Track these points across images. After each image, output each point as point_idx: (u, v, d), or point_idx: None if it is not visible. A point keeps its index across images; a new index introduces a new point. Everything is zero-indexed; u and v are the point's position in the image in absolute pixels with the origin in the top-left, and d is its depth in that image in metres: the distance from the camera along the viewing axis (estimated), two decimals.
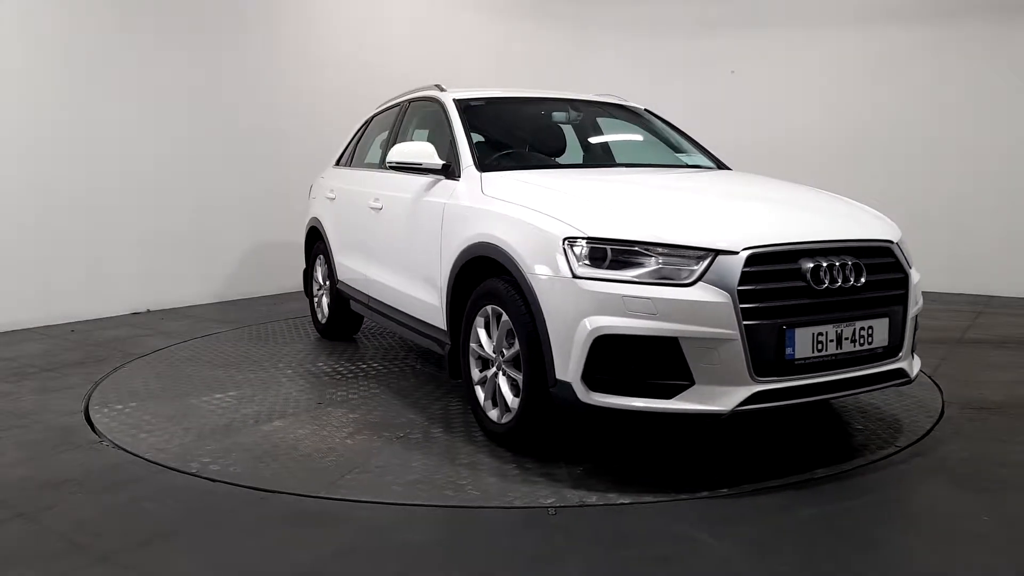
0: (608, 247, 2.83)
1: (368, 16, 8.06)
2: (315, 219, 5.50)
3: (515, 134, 4.37)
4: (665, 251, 2.79)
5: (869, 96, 7.87)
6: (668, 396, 2.74)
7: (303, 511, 2.75)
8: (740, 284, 2.72)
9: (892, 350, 3.07)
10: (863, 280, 2.94)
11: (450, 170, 3.78)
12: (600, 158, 4.64)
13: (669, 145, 4.61)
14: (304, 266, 5.90)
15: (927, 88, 7.62)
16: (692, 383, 2.73)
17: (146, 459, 3.22)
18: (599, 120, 4.81)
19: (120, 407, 3.85)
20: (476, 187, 3.56)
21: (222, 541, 2.55)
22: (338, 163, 5.61)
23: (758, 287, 2.77)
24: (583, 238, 2.86)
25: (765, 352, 2.75)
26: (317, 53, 7.64)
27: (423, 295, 3.87)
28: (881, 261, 3.08)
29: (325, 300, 5.43)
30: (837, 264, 2.89)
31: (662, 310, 2.70)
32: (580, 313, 2.79)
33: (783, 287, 2.81)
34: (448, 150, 3.87)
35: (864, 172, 7.64)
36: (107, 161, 6.22)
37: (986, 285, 7.15)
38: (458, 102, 4.13)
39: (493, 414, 3.31)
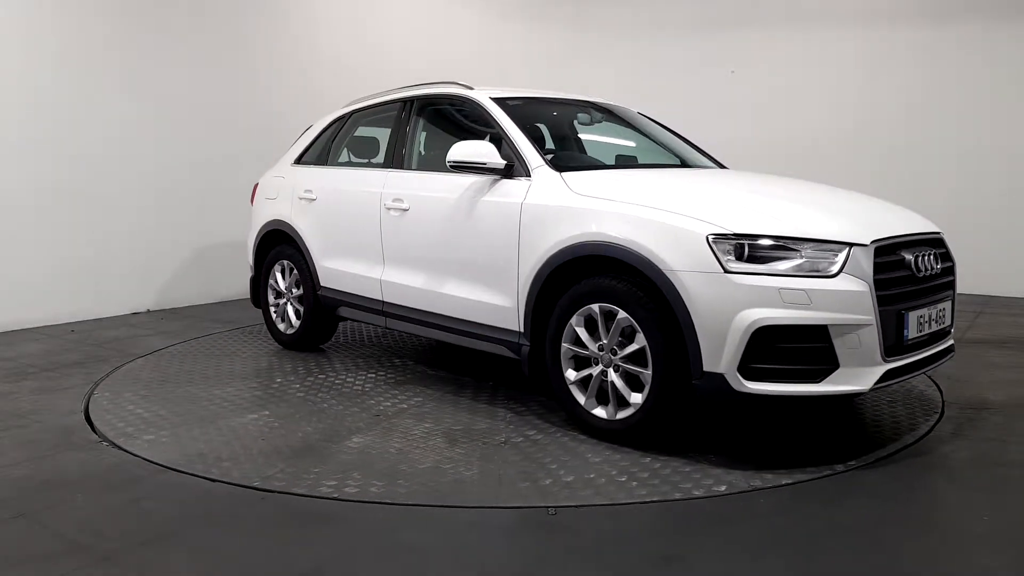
0: (755, 243, 2.97)
1: (368, 16, 8.07)
2: (280, 222, 5.07)
3: (547, 134, 4.34)
4: (809, 245, 2.98)
5: (869, 96, 7.88)
6: (816, 380, 2.93)
7: (303, 511, 2.75)
8: (875, 274, 2.99)
9: (949, 329, 3.49)
10: (940, 267, 3.33)
11: (513, 170, 3.74)
12: (624, 159, 4.61)
13: (664, 144, 4.61)
14: (252, 274, 5.43)
15: (927, 88, 7.62)
16: (837, 366, 2.93)
17: (145, 459, 3.22)
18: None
19: (151, 437, 3.47)
20: (559, 186, 3.54)
21: (222, 541, 2.55)
22: (300, 161, 5.24)
23: (883, 276, 3.04)
24: (730, 235, 2.98)
25: (890, 334, 3.03)
26: (316, 53, 7.64)
27: (486, 297, 3.78)
28: (940, 251, 3.44)
29: (291, 309, 5.12)
30: (926, 254, 3.26)
31: (816, 300, 2.89)
32: (735, 306, 2.91)
33: (897, 276, 3.11)
34: (502, 150, 3.80)
35: (864, 172, 7.63)
36: (107, 161, 6.22)
37: (986, 285, 7.15)
38: (498, 101, 4.09)
39: (600, 412, 3.36)
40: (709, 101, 8.54)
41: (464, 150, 3.76)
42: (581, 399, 3.42)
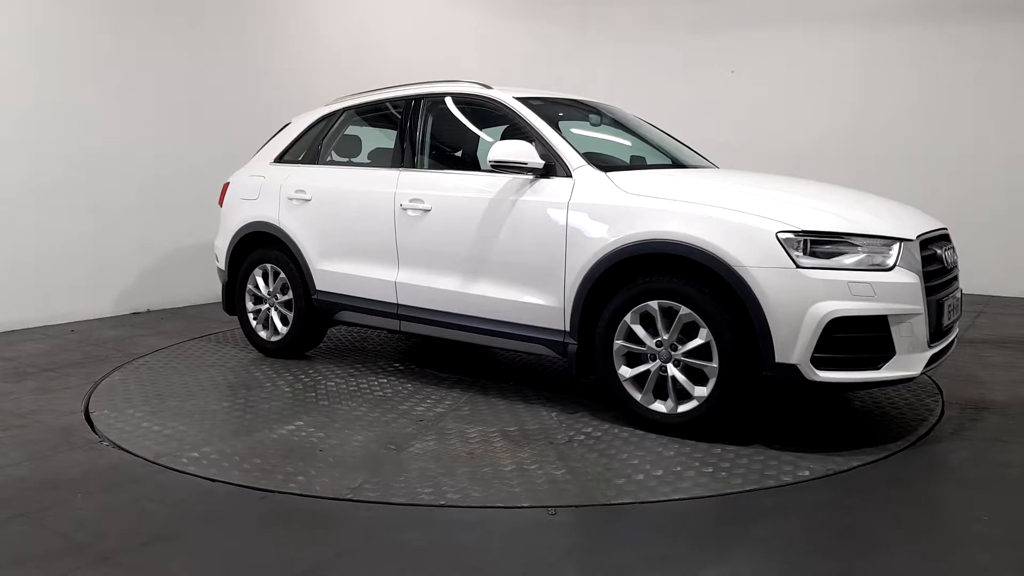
0: (820, 239, 3.15)
1: (367, 16, 8.07)
2: (264, 224, 4.86)
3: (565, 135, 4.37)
4: (869, 241, 3.17)
5: (869, 96, 7.88)
6: (876, 367, 3.12)
7: (303, 511, 2.75)
8: (923, 266, 3.23)
9: (959, 317, 3.68)
10: (955, 259, 3.60)
11: (551, 169, 3.76)
12: (637, 159, 4.57)
13: (654, 143, 4.58)
14: (226, 280, 5.17)
15: (927, 88, 7.63)
16: (894, 353, 3.12)
17: (145, 459, 3.22)
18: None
19: (195, 454, 3.26)
20: (607, 186, 3.59)
21: (222, 541, 2.55)
22: (282, 160, 5.02)
23: (927, 268, 3.27)
24: (798, 232, 3.14)
25: (932, 322, 3.25)
26: (316, 53, 7.64)
27: (527, 297, 3.77)
28: (951, 245, 3.67)
29: (276, 315, 4.91)
30: (947, 247, 3.52)
31: (879, 292, 3.08)
32: (808, 300, 3.07)
33: (935, 268, 3.35)
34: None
35: (863, 172, 7.63)
36: (107, 161, 6.23)
37: (986, 285, 7.15)
38: (523, 100, 4.09)
39: (659, 407, 3.45)
40: (709, 101, 8.54)
41: (506, 150, 3.76)
42: (637, 395, 3.49)
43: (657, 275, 3.39)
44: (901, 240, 3.20)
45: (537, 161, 3.73)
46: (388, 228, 4.31)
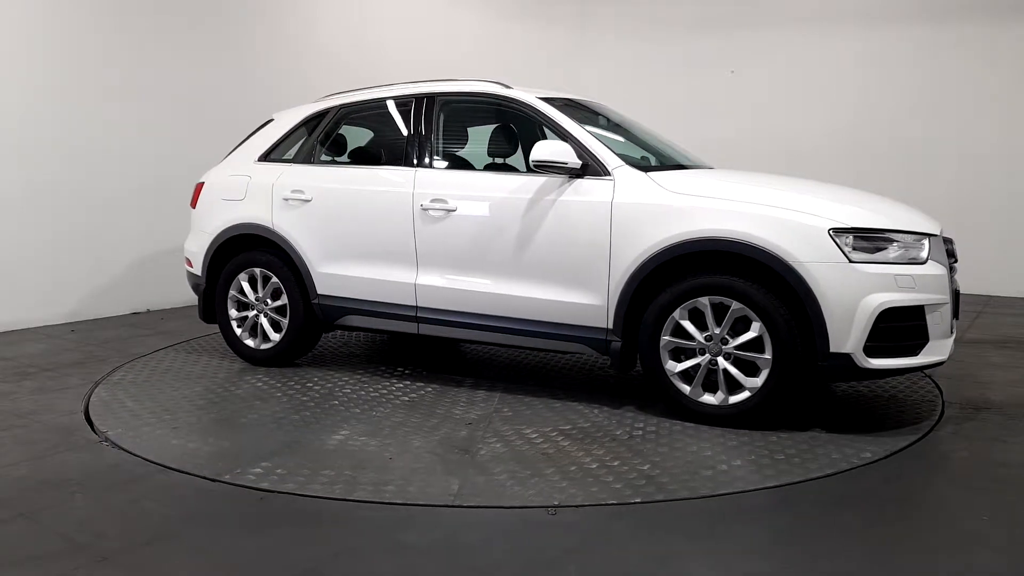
0: (867, 235, 3.34)
1: (367, 16, 8.07)
2: (254, 226, 4.63)
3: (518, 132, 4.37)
4: (905, 236, 3.39)
5: (868, 96, 7.88)
6: (915, 353, 3.37)
7: (303, 511, 2.75)
8: (949, 259, 3.51)
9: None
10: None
11: (588, 169, 3.78)
12: (646, 159, 4.54)
13: (649, 142, 4.56)
14: (204, 286, 4.88)
15: (926, 88, 7.63)
16: (928, 340, 3.36)
17: (146, 459, 3.21)
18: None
19: (259, 470, 3.07)
20: (651, 186, 3.67)
21: (222, 541, 2.55)
22: (268, 159, 4.82)
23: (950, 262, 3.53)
24: (848, 229, 3.32)
25: (952, 311, 3.49)
26: (315, 53, 7.65)
27: (567, 296, 3.78)
28: None
29: (266, 321, 4.69)
30: (951, 240, 3.70)
31: (919, 284, 3.32)
32: (861, 292, 3.26)
33: (951, 262, 3.57)
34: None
35: (863, 172, 7.64)
36: (106, 161, 6.23)
37: (986, 285, 7.16)
38: (548, 100, 4.11)
39: (709, 399, 3.56)
40: (709, 101, 8.54)
41: (547, 150, 3.76)
42: (685, 389, 3.59)
43: (707, 272, 3.49)
44: (930, 235, 3.43)
45: (575, 161, 3.76)
46: (405, 229, 4.19)
